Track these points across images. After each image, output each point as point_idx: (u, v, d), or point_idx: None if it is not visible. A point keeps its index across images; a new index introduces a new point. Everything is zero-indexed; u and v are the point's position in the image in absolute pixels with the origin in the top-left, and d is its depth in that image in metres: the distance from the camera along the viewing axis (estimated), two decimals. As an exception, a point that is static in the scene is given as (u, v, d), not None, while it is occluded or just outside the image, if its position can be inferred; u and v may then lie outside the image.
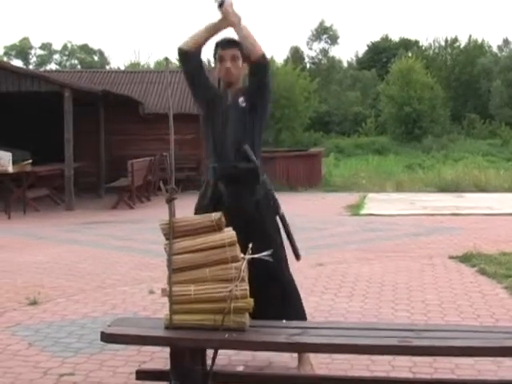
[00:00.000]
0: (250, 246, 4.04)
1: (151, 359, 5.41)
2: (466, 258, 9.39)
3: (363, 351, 4.12)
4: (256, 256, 4.01)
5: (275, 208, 5.02)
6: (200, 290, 3.93)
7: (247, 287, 3.96)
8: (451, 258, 9.60)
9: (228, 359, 5.24)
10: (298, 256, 5.08)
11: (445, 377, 4.86)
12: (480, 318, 6.55)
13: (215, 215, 4.02)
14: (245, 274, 3.97)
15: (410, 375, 4.97)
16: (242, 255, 4.02)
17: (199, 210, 5.00)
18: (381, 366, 5.15)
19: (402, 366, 5.12)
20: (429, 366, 5.11)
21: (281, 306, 4.91)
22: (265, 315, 4.37)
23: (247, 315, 4.02)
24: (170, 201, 4.00)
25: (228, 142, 4.98)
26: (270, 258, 3.99)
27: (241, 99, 5.01)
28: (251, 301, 3.96)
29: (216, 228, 3.99)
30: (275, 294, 4.89)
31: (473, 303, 7.09)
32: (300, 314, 5.01)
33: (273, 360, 5.28)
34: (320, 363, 5.20)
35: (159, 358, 5.31)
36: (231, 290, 3.91)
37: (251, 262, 4.02)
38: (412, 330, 4.10)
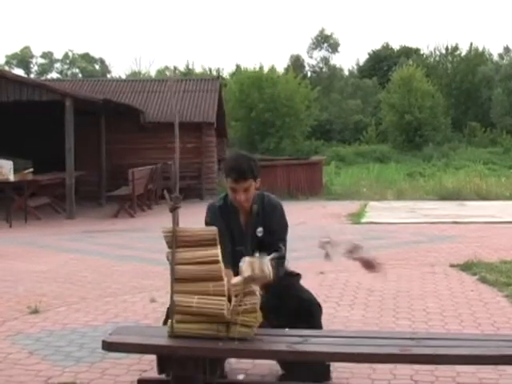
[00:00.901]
0: (257, 254, 4.09)
1: (152, 368, 5.38)
2: (467, 267, 9.38)
3: (364, 359, 4.12)
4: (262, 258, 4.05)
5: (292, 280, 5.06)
6: (203, 303, 3.93)
7: (257, 301, 3.96)
8: (452, 266, 9.59)
9: (229, 367, 5.23)
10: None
11: (446, 385, 4.85)
12: (481, 326, 6.55)
13: (215, 229, 4.04)
14: (254, 287, 3.98)
15: (411, 383, 4.97)
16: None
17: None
18: (382, 374, 5.14)
19: (403, 375, 5.11)
20: (430, 374, 5.11)
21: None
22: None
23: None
24: (173, 209, 4.00)
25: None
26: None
27: (259, 229, 4.97)
28: (259, 315, 3.96)
29: (215, 243, 4.00)
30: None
31: (474, 311, 7.08)
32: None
33: (274, 368, 5.27)
34: (321, 372, 5.20)
35: (160, 366, 5.30)
36: (236, 304, 3.91)
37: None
38: (413, 339, 4.10)
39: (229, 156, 5.27)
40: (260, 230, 4.95)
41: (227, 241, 4.81)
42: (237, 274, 4.46)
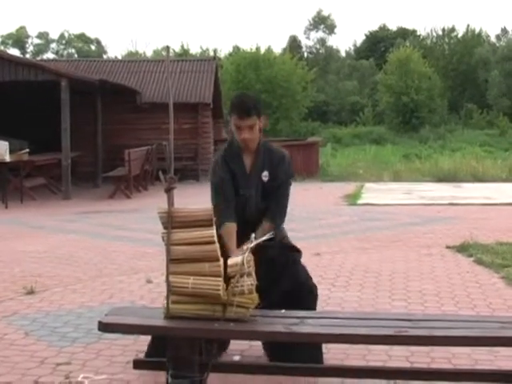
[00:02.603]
0: (253, 235, 4.09)
1: (148, 349, 5.41)
2: (462, 248, 9.40)
3: (360, 341, 4.12)
4: (258, 241, 4.04)
5: (291, 258, 5.06)
6: (198, 283, 3.92)
7: (254, 282, 3.95)
8: (448, 247, 9.61)
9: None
10: None
11: (442, 366, 4.86)
12: (477, 307, 6.57)
13: (211, 209, 4.02)
14: (251, 268, 3.97)
15: (406, 365, 4.98)
16: (245, 246, 4.05)
17: None
18: (377, 355, 5.15)
19: (398, 356, 5.13)
20: (426, 355, 5.12)
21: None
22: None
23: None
24: (169, 190, 3.98)
25: (247, 208, 5.01)
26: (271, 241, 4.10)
27: (264, 173, 5.00)
28: (256, 297, 3.96)
29: (210, 223, 3.98)
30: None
31: (470, 293, 7.10)
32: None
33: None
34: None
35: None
36: (233, 286, 3.91)
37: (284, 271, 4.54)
38: (409, 320, 4.10)
39: (234, 95, 5.29)
40: (265, 174, 4.99)
41: (230, 192, 4.92)
42: (240, 221, 4.81)
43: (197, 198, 16.58)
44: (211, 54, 46.38)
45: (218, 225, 4.47)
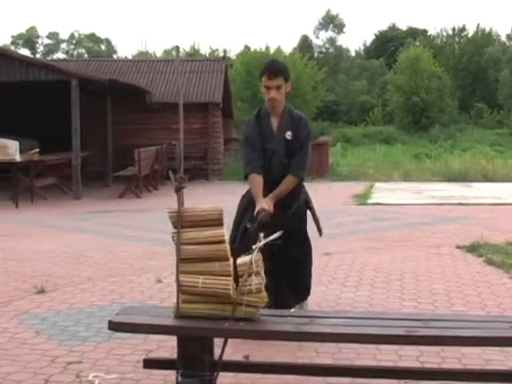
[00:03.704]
0: (262, 235, 4.10)
1: (158, 348, 5.42)
2: (473, 248, 9.38)
3: (370, 341, 4.12)
4: (266, 241, 4.04)
5: (305, 216, 6.09)
6: (208, 283, 3.93)
7: (262, 282, 3.95)
8: (458, 247, 9.59)
9: (235, 348, 5.24)
10: (320, 231, 6.22)
11: (452, 366, 4.85)
12: (487, 307, 6.55)
13: (221, 208, 4.03)
14: (260, 268, 3.97)
15: (417, 364, 4.98)
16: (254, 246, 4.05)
17: (240, 208, 5.89)
18: (388, 355, 5.15)
19: (409, 356, 5.12)
20: (436, 355, 5.11)
21: (290, 290, 5.78)
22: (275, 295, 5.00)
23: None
24: (178, 190, 3.99)
25: (272, 164, 5.76)
26: (279, 241, 4.17)
27: (288, 133, 5.75)
28: (265, 296, 3.96)
29: (220, 222, 3.99)
30: (291, 281, 5.80)
31: (480, 293, 7.09)
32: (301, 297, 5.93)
33: (280, 349, 5.28)
34: (327, 352, 5.21)
35: (166, 346, 5.32)
36: (241, 285, 3.91)
37: (281, 251, 4.84)
38: (419, 320, 4.10)
39: (266, 61, 6.05)
40: (289, 133, 5.74)
41: (258, 146, 5.70)
42: (265, 175, 5.62)
43: (206, 198, 16.65)
44: (221, 54, 46.40)
45: (246, 175, 5.67)
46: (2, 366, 5.12)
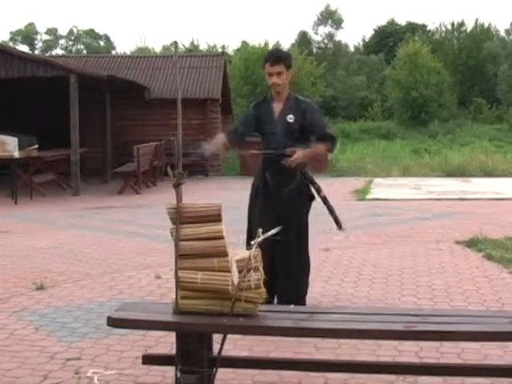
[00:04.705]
0: (260, 230, 4.10)
1: (157, 344, 5.42)
2: (472, 243, 9.38)
3: (369, 336, 4.13)
4: (264, 237, 4.04)
5: (309, 195, 6.39)
6: (207, 279, 3.93)
7: (261, 277, 3.95)
8: (457, 242, 9.59)
9: (234, 344, 5.24)
10: (339, 225, 6.65)
11: (451, 361, 4.86)
12: (486, 302, 6.56)
13: (219, 204, 4.03)
14: (259, 263, 3.97)
15: (416, 360, 4.98)
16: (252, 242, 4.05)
17: (250, 196, 6.24)
18: (387, 350, 5.15)
19: (408, 351, 5.12)
20: (435, 350, 5.11)
21: (287, 280, 5.92)
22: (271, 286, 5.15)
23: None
24: (177, 186, 3.99)
25: (271, 144, 6.06)
26: (277, 237, 4.25)
27: (289, 116, 6.03)
28: (264, 291, 3.96)
29: (219, 218, 3.99)
30: (287, 270, 5.93)
31: (479, 288, 7.09)
32: (300, 291, 6.00)
33: (279, 344, 5.28)
34: (326, 348, 5.21)
35: (165, 342, 5.32)
36: (240, 281, 3.91)
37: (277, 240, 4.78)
38: (418, 315, 4.10)
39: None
40: (290, 116, 6.03)
41: (246, 124, 6.18)
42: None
43: (205, 194, 16.65)
44: (219, 50, 46.38)
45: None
46: (1, 362, 5.12)
